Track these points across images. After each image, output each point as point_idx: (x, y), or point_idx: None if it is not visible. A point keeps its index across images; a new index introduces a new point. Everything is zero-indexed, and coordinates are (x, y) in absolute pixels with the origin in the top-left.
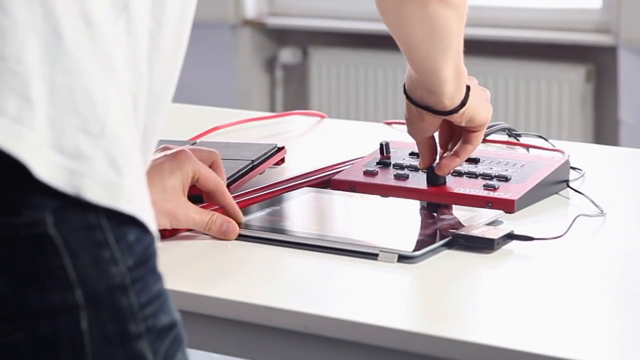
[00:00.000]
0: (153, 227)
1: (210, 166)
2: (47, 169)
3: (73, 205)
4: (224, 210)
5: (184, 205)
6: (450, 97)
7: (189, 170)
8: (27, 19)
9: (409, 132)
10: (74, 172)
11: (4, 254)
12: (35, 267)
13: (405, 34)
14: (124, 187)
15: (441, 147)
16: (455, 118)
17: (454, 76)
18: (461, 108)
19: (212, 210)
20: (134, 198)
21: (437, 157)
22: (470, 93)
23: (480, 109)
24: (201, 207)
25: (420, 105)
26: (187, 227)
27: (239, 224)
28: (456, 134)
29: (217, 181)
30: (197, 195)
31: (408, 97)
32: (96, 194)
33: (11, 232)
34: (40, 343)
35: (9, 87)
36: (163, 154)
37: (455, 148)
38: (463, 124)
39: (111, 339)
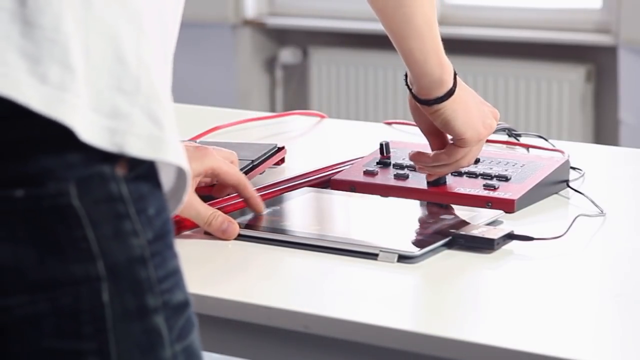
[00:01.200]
0: (190, 179)
1: None
2: (90, 131)
3: (96, 177)
4: (247, 203)
5: (191, 194)
6: (427, 86)
7: (207, 164)
8: None
9: (414, 120)
10: (114, 130)
11: (29, 225)
12: (58, 238)
13: (398, 16)
14: (165, 139)
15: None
16: (430, 112)
17: (439, 68)
18: (436, 103)
19: (218, 208)
20: (177, 149)
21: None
22: (455, 97)
23: (460, 115)
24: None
25: (416, 98)
26: (188, 215)
27: (259, 216)
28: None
29: (238, 175)
30: (197, 195)
31: (407, 84)
32: (139, 149)
33: (35, 203)
34: (62, 314)
35: (50, 56)
36: (186, 143)
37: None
38: (438, 125)
39: (130, 311)
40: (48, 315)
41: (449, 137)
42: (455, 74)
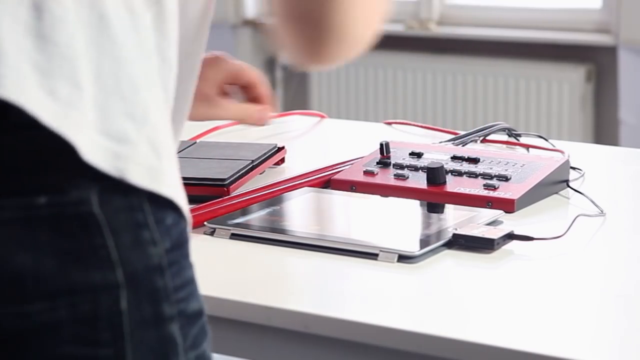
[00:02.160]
0: (187, 212)
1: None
2: (93, 151)
3: (117, 186)
4: (262, 99)
5: (218, 97)
6: None
7: (224, 68)
8: (74, 6)
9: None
10: (119, 155)
11: (50, 232)
12: (79, 245)
13: None
14: (163, 171)
15: None
16: None
17: None
18: None
19: (217, 208)
20: (172, 182)
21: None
22: None
23: None
24: (197, 207)
25: None
26: (221, 115)
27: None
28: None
29: (253, 74)
30: (195, 195)
31: None
32: (139, 178)
33: (57, 210)
34: (80, 321)
35: (60, 72)
36: None
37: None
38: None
39: (147, 320)
40: (66, 322)
41: None
42: None
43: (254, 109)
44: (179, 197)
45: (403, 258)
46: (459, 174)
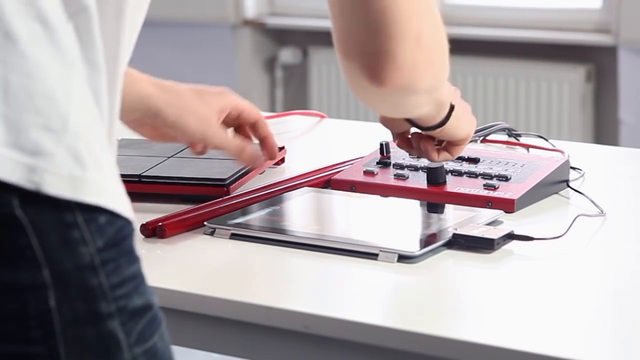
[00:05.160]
0: (126, 213)
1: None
2: (1, 166)
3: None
4: (265, 141)
5: (218, 123)
6: (430, 119)
7: (228, 101)
8: None
9: (382, 122)
10: (34, 168)
11: None
12: (4, 246)
13: (373, 108)
14: (86, 179)
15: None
16: (433, 133)
17: (435, 109)
18: (439, 127)
19: (217, 208)
20: (100, 188)
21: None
22: (453, 113)
23: (461, 125)
24: (197, 207)
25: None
26: (216, 140)
27: (273, 158)
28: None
29: (259, 113)
30: (195, 195)
31: None
32: (57, 188)
33: None
34: (10, 318)
35: None
36: (206, 88)
37: (439, 147)
38: (442, 139)
39: (81, 317)
40: None
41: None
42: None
43: (250, 148)
44: (110, 201)
45: (403, 258)
46: (459, 174)
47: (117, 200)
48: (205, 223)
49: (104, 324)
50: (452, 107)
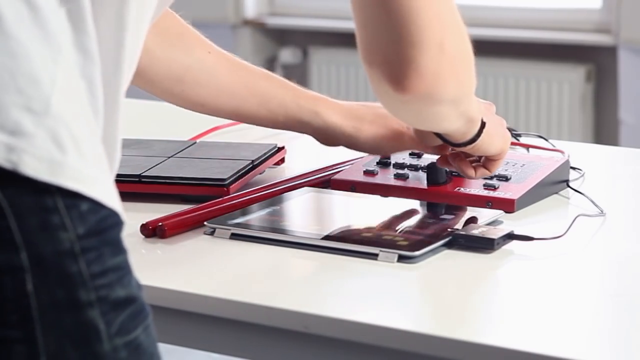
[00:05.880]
0: (110, 203)
1: None
2: None
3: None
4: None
5: (406, 132)
6: (460, 136)
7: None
8: None
9: (415, 134)
10: (12, 148)
11: None
12: None
13: (397, 117)
14: (67, 164)
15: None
16: (466, 150)
17: (464, 126)
18: (471, 143)
19: (217, 208)
20: (80, 175)
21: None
22: (485, 129)
23: (493, 142)
24: (197, 207)
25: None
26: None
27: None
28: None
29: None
30: (195, 195)
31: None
32: (35, 170)
33: None
34: None
35: None
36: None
37: (477, 164)
38: (476, 155)
39: (59, 303)
40: None
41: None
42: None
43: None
44: (91, 189)
45: (403, 258)
46: (459, 174)
47: (100, 189)
48: (205, 223)
49: (83, 312)
50: (483, 124)
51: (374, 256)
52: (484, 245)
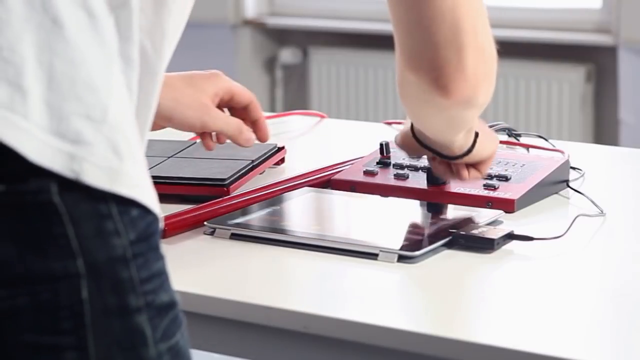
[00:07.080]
0: (155, 209)
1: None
2: (41, 153)
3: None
4: (258, 123)
5: (214, 108)
6: (458, 148)
7: (221, 84)
8: (24, 10)
9: (400, 146)
10: (74, 156)
11: (9, 220)
12: (38, 234)
13: (423, 124)
14: (123, 171)
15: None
16: (462, 161)
17: (464, 137)
18: (466, 155)
19: (216, 208)
20: (134, 182)
21: None
22: (478, 139)
23: (486, 147)
24: (197, 207)
25: (425, 145)
26: (216, 125)
27: (264, 140)
28: None
29: (251, 95)
30: (195, 195)
31: (414, 135)
32: (96, 178)
33: (17, 199)
34: (41, 309)
35: (2, 75)
36: (199, 72)
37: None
38: (468, 163)
39: (111, 310)
40: (27, 310)
41: None
42: None
43: (245, 127)
44: (144, 195)
45: (403, 258)
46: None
47: (148, 195)
48: (205, 223)
49: (132, 317)
50: (476, 134)
51: (373, 256)
52: (484, 245)
